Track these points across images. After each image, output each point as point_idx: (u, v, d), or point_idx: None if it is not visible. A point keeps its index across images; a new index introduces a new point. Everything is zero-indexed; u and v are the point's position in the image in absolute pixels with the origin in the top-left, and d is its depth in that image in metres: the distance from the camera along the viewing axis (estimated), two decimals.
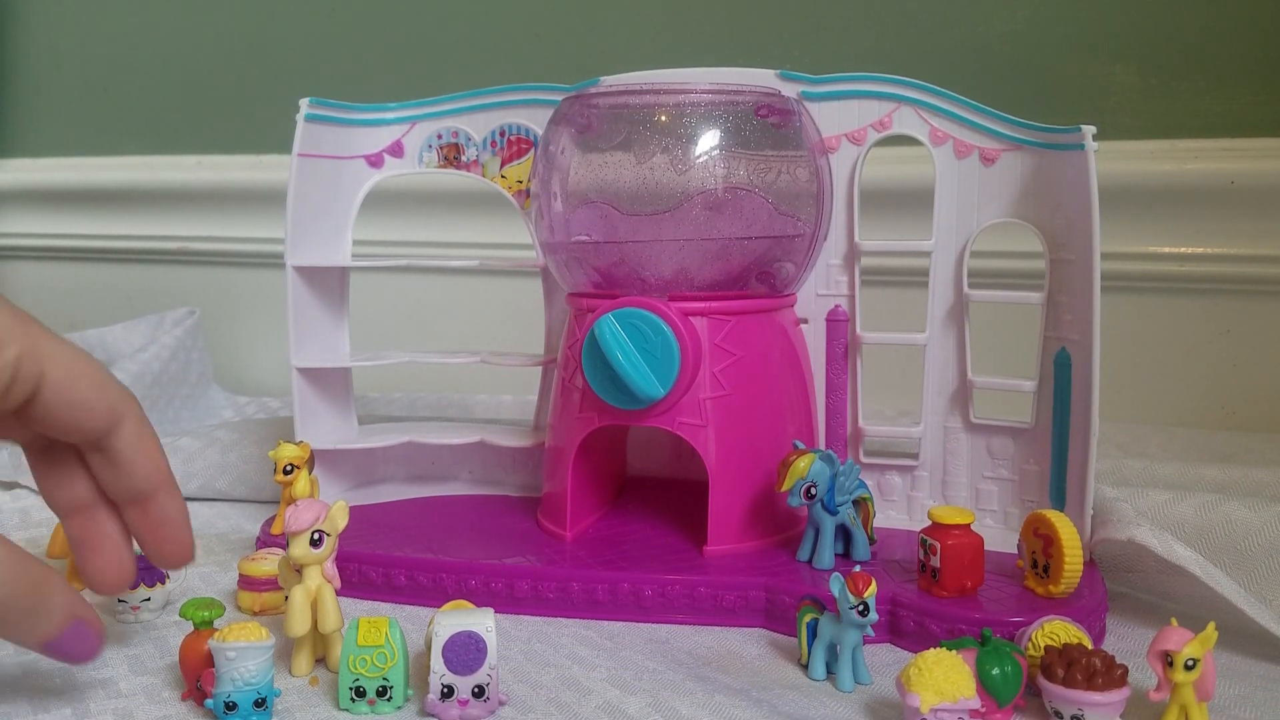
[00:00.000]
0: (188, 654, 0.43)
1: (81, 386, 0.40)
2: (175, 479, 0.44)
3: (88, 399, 0.40)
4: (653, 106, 0.56)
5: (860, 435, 0.61)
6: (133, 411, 0.42)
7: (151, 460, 0.42)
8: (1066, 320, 0.55)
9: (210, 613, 0.44)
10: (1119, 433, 0.77)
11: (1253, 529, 0.54)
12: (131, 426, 0.42)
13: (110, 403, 0.41)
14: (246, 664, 0.41)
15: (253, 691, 0.41)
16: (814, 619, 0.46)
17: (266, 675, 0.41)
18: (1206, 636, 0.40)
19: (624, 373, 0.52)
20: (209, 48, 1.13)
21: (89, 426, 0.40)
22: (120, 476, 0.42)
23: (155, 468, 0.43)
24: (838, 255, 0.61)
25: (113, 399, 0.41)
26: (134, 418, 0.42)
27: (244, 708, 0.41)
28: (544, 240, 0.61)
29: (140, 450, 0.42)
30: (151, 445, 0.43)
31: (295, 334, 0.63)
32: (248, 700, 0.41)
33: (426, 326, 1.04)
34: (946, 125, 0.58)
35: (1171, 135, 0.83)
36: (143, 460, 0.42)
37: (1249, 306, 0.82)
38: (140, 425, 0.42)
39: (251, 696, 0.41)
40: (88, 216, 1.18)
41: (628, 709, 0.43)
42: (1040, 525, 0.49)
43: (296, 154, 0.62)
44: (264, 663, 0.41)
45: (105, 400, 0.41)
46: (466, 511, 0.64)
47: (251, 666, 0.41)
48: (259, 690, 0.41)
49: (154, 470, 0.42)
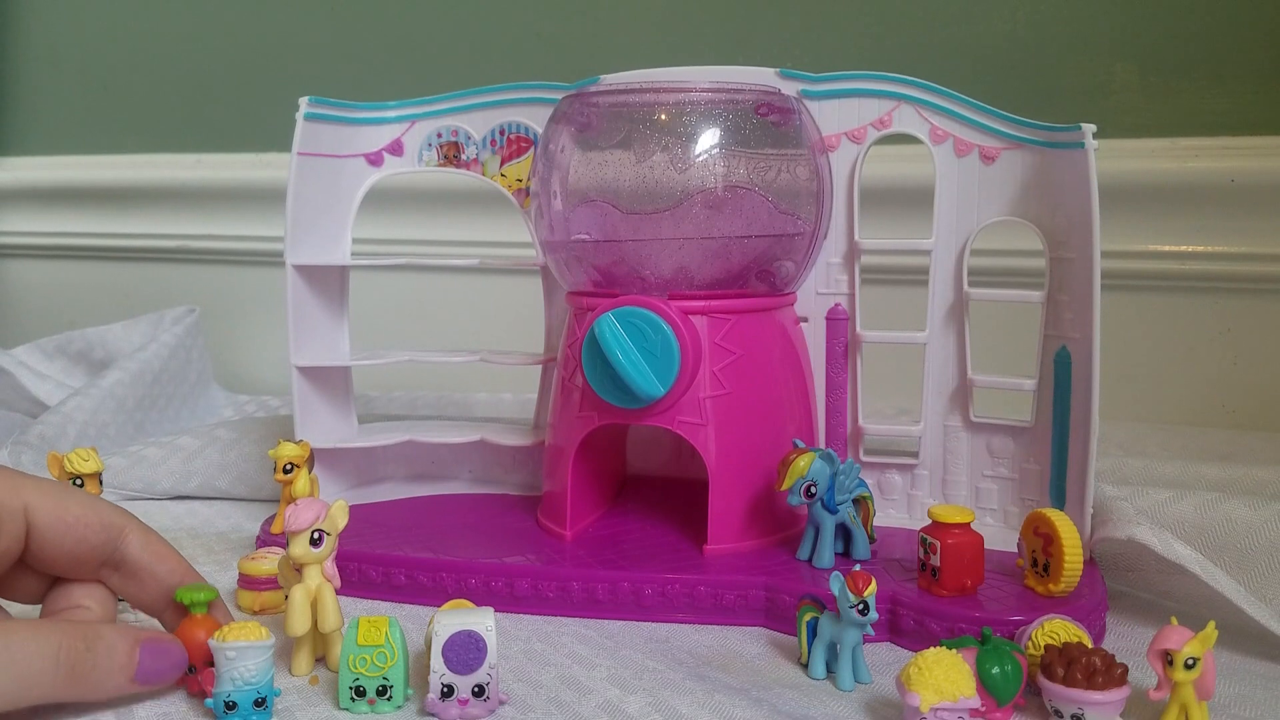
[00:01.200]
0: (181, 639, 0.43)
1: (72, 508, 0.41)
2: (198, 575, 0.45)
3: (81, 516, 0.41)
4: (652, 105, 0.56)
5: (860, 434, 0.61)
6: (133, 521, 0.43)
7: (168, 561, 0.44)
8: (1067, 319, 0.55)
9: (204, 594, 0.43)
10: (1119, 431, 0.77)
11: (1253, 527, 0.54)
12: (137, 533, 0.43)
13: (105, 516, 0.42)
14: (246, 663, 0.41)
15: (253, 691, 0.41)
16: (814, 618, 0.46)
17: (266, 675, 0.41)
18: (1206, 635, 0.40)
19: (624, 372, 0.52)
20: (209, 46, 1.13)
21: (93, 542, 0.42)
22: (145, 585, 0.43)
23: (174, 567, 0.44)
24: (838, 254, 0.61)
25: (107, 513, 0.42)
26: (136, 525, 0.43)
27: (244, 707, 0.41)
28: (544, 239, 0.61)
29: (153, 551, 0.43)
30: (162, 546, 0.44)
31: (295, 333, 0.63)
32: (248, 700, 0.41)
33: (426, 325, 1.04)
34: (947, 124, 0.58)
35: (1172, 134, 0.83)
36: (159, 562, 0.43)
37: (1249, 305, 0.82)
38: (145, 531, 0.43)
39: (251, 696, 0.41)
40: (87, 215, 1.18)
41: (628, 708, 0.43)
42: (1040, 524, 0.49)
43: (296, 152, 0.62)
44: (264, 662, 0.41)
45: (100, 515, 0.42)
46: (466, 510, 0.64)
47: (251, 666, 0.41)
48: (259, 690, 0.41)
49: (173, 569, 0.44)
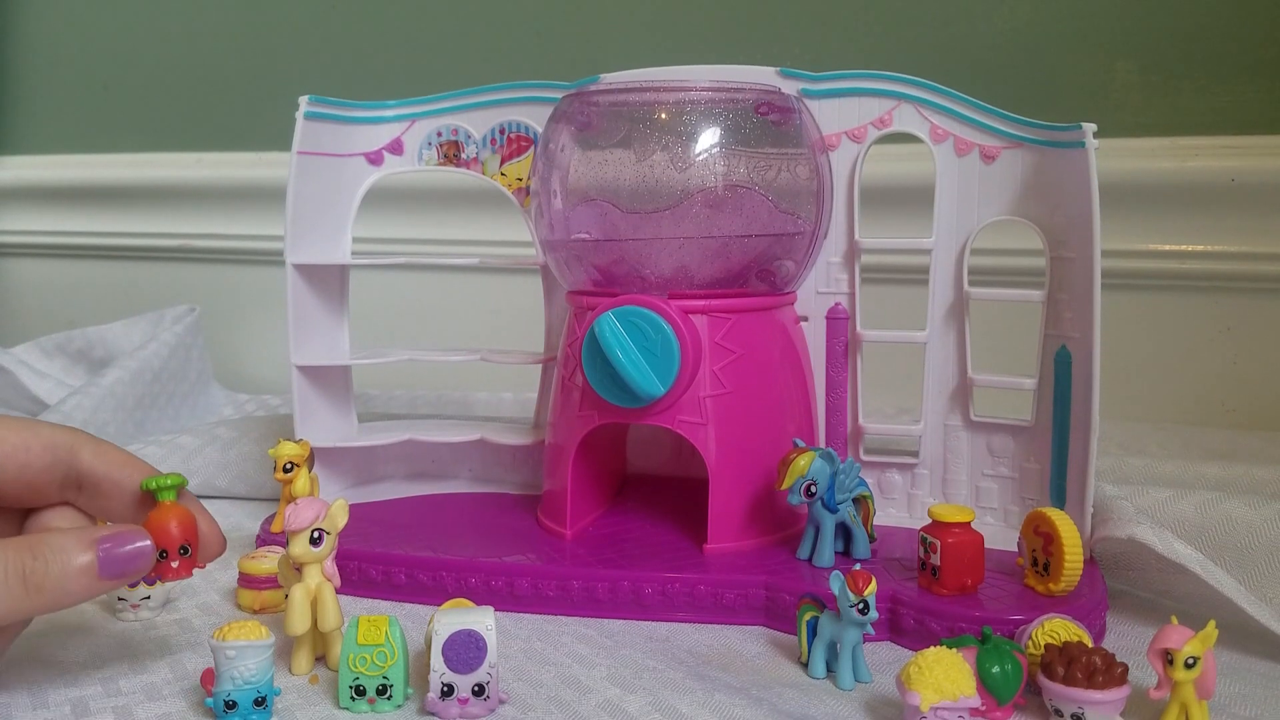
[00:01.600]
0: (150, 526, 0.42)
1: (8, 436, 0.41)
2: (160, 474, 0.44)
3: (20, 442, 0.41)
4: (653, 104, 0.56)
5: (860, 433, 0.61)
6: (82, 435, 0.43)
7: (128, 464, 0.43)
8: (1067, 318, 0.55)
9: (171, 480, 0.43)
10: (1119, 430, 0.77)
11: (1253, 527, 0.54)
12: (88, 446, 0.43)
13: (47, 436, 0.42)
14: (246, 663, 0.41)
15: (253, 690, 0.41)
16: (814, 617, 0.46)
17: (266, 674, 0.41)
18: (1207, 634, 0.40)
19: (624, 371, 0.52)
20: (209, 45, 1.13)
21: (39, 464, 0.41)
22: (110, 495, 0.43)
23: (136, 468, 0.43)
24: (838, 253, 0.61)
25: (48, 433, 0.42)
26: (86, 439, 0.43)
27: (244, 706, 0.41)
28: (544, 238, 0.61)
29: (109, 459, 0.43)
30: (119, 453, 0.43)
31: (295, 331, 0.63)
32: (248, 699, 0.41)
33: (426, 324, 1.04)
34: (947, 123, 0.58)
35: (1172, 133, 0.83)
36: (118, 467, 0.43)
37: (1249, 304, 0.82)
38: (97, 442, 0.43)
39: (251, 695, 0.41)
40: (87, 214, 1.18)
41: (628, 707, 0.43)
42: (1040, 523, 0.49)
43: (296, 151, 0.62)
44: (264, 661, 0.41)
45: (40, 436, 0.42)
46: (466, 509, 0.64)
47: (251, 665, 0.41)
48: (259, 689, 0.41)
49: (132, 474, 0.43)
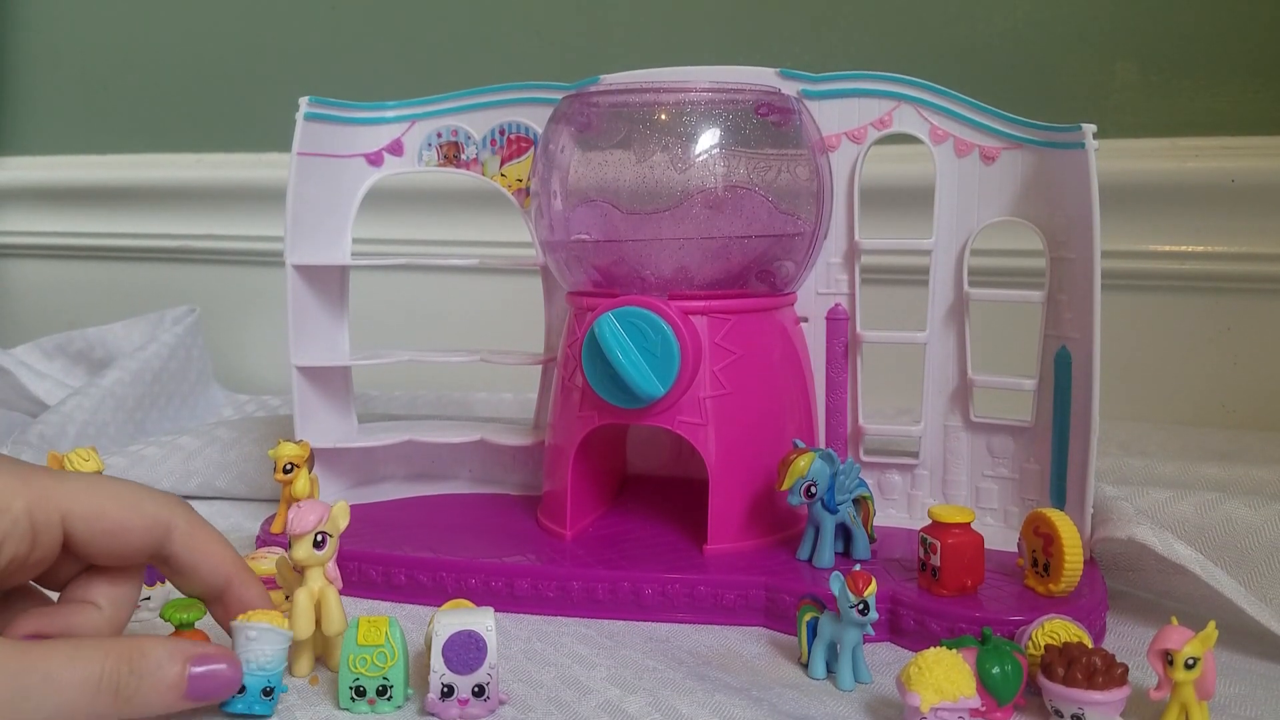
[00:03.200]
0: None
1: (110, 512, 0.40)
2: (246, 567, 0.44)
3: (121, 520, 0.40)
4: (652, 105, 0.56)
5: (860, 434, 0.61)
6: (180, 517, 0.42)
7: (211, 559, 0.43)
8: (1067, 319, 0.55)
9: (190, 615, 0.43)
10: (1119, 431, 0.77)
11: (1253, 527, 0.54)
12: (181, 530, 0.42)
13: (148, 517, 0.41)
14: (264, 647, 0.40)
15: (264, 678, 0.41)
16: (814, 618, 0.46)
17: (279, 665, 0.41)
18: (1207, 635, 0.40)
19: (624, 371, 0.52)
20: (208, 46, 1.13)
21: (136, 546, 0.41)
22: (190, 582, 0.43)
23: (218, 564, 0.43)
24: (838, 254, 0.61)
25: (150, 512, 0.41)
26: (183, 523, 0.42)
27: (252, 692, 0.40)
28: (544, 239, 0.61)
29: (197, 551, 0.42)
30: (208, 543, 0.43)
31: (295, 332, 0.63)
32: (257, 686, 0.40)
33: (426, 325, 1.04)
34: (947, 124, 0.58)
35: (1172, 133, 0.83)
36: (202, 560, 0.42)
37: (1249, 305, 0.82)
38: (191, 527, 0.42)
39: (262, 683, 0.40)
40: (87, 215, 1.18)
41: (628, 708, 0.43)
42: (1040, 524, 0.49)
43: (296, 152, 0.62)
44: (280, 650, 0.41)
45: (142, 517, 0.41)
46: (466, 510, 0.64)
47: (269, 650, 0.41)
48: (270, 678, 0.41)
49: (217, 567, 0.43)
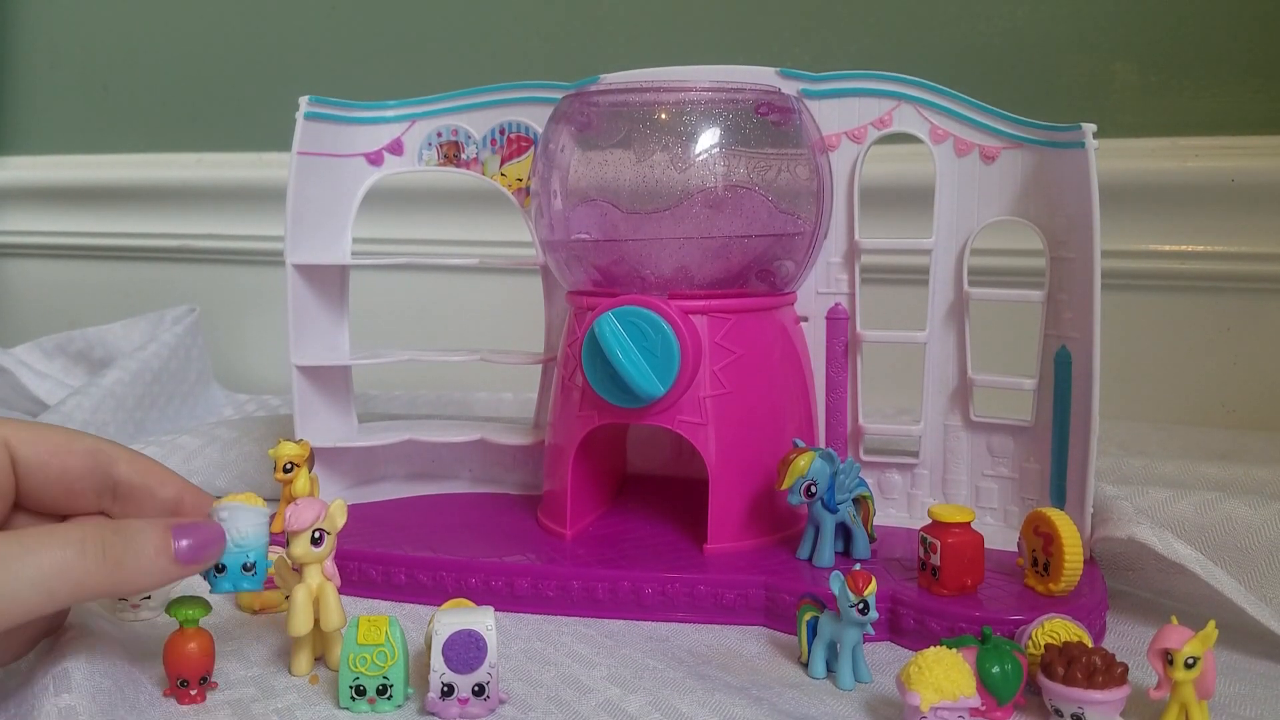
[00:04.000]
0: (172, 651, 0.43)
1: (52, 437, 0.41)
2: (194, 486, 0.44)
3: (63, 444, 0.41)
4: (653, 104, 0.56)
5: (860, 433, 0.61)
6: (120, 448, 0.43)
7: (158, 472, 0.44)
8: (1067, 318, 0.55)
9: (195, 612, 0.43)
10: (1119, 430, 0.77)
11: (1253, 527, 0.54)
12: (125, 457, 0.43)
13: (88, 442, 0.42)
14: (238, 524, 0.40)
15: (242, 554, 0.40)
16: (814, 617, 0.46)
17: (260, 540, 0.41)
18: (1206, 634, 0.40)
19: (624, 371, 0.52)
20: (209, 45, 1.13)
21: (79, 468, 0.42)
22: (144, 507, 0.43)
23: (164, 477, 0.44)
24: (838, 253, 0.61)
25: (90, 440, 0.42)
26: (124, 450, 0.43)
27: (233, 570, 0.40)
28: (544, 238, 0.61)
29: (146, 470, 0.43)
30: (154, 465, 0.44)
31: (295, 332, 0.63)
32: (236, 562, 0.40)
33: (426, 324, 1.04)
34: (947, 123, 0.58)
35: (1172, 133, 0.83)
36: (154, 478, 0.43)
37: (1249, 304, 0.82)
38: (134, 454, 0.44)
39: (240, 559, 0.40)
40: (87, 214, 1.18)
41: (628, 707, 0.43)
42: (1040, 523, 0.49)
43: (296, 152, 0.62)
44: (257, 525, 0.41)
45: (82, 441, 0.42)
46: (466, 510, 0.64)
47: (244, 528, 0.40)
48: (249, 553, 0.40)
49: (165, 483, 0.43)
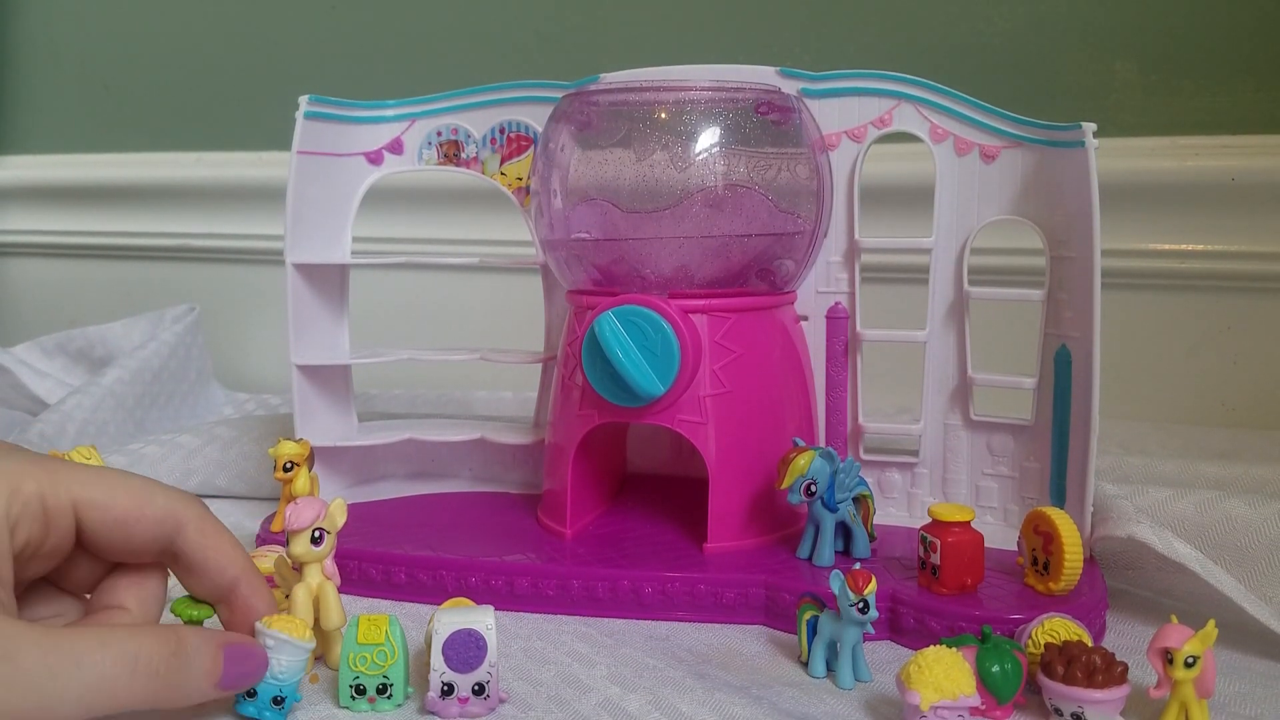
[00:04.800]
0: None
1: (121, 501, 0.39)
2: (255, 569, 0.43)
3: (132, 510, 0.40)
4: (653, 104, 0.56)
5: (860, 432, 0.61)
6: (192, 513, 0.41)
7: (221, 558, 0.42)
8: (1067, 317, 0.55)
9: (200, 612, 0.43)
10: (1119, 430, 0.77)
11: (1253, 526, 0.54)
12: (192, 526, 0.41)
13: (160, 509, 0.40)
14: (281, 657, 0.40)
15: (276, 687, 0.40)
16: (814, 616, 0.46)
17: (295, 675, 0.41)
18: (1206, 634, 0.40)
19: (624, 370, 0.52)
20: (209, 44, 1.13)
21: (146, 537, 0.40)
22: (200, 580, 0.42)
23: (226, 565, 0.42)
24: (838, 252, 0.61)
25: (161, 505, 0.40)
26: (194, 518, 0.41)
27: (262, 699, 0.40)
28: (544, 237, 0.61)
29: (207, 549, 0.41)
30: (218, 542, 0.42)
31: (295, 331, 0.63)
32: (268, 694, 0.40)
33: (426, 323, 1.04)
34: (947, 122, 0.58)
35: (1172, 132, 0.83)
36: (211, 559, 0.41)
37: (1249, 304, 0.82)
38: (202, 524, 0.41)
39: (273, 691, 0.40)
40: (88, 213, 1.18)
41: (628, 706, 0.43)
42: (1040, 522, 0.49)
43: (296, 151, 0.62)
44: (296, 662, 0.41)
45: (153, 508, 0.40)
46: (466, 509, 0.64)
47: (284, 660, 0.40)
48: (283, 688, 0.40)
49: (226, 567, 0.42)
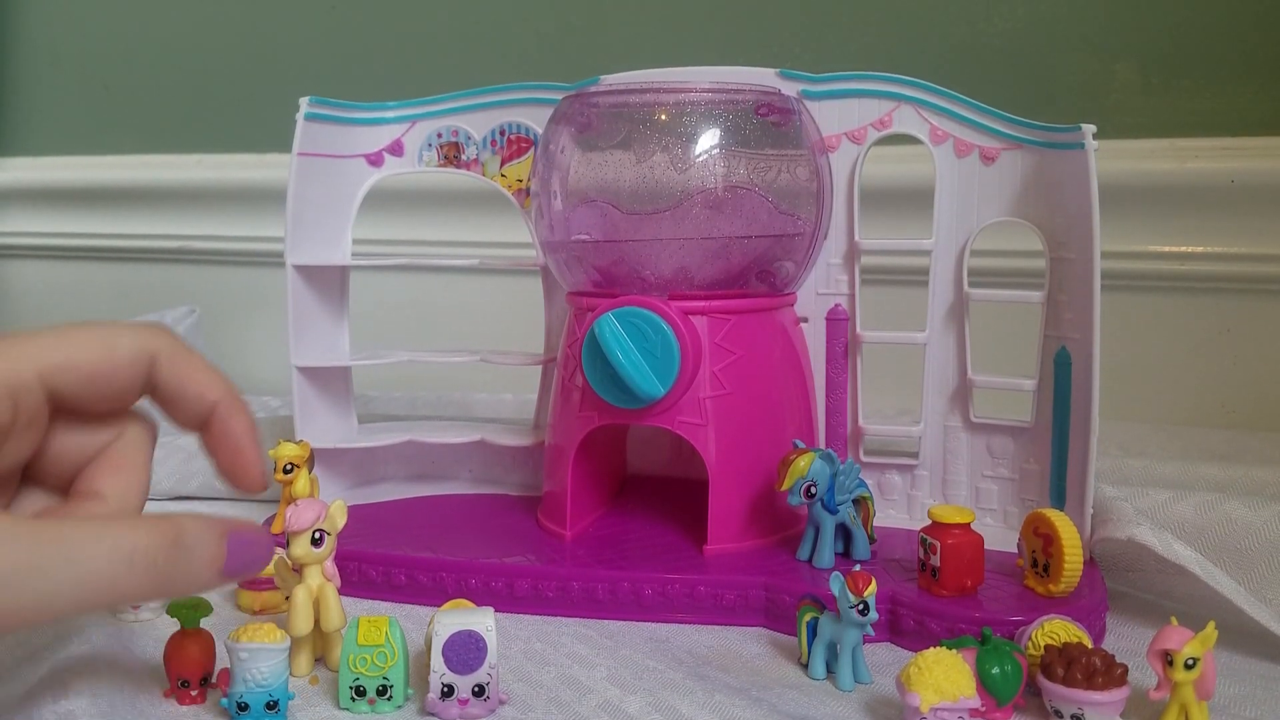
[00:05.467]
0: (173, 652, 0.43)
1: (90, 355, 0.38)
2: (237, 396, 0.41)
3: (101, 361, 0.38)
4: (653, 105, 0.56)
5: (860, 434, 0.61)
6: (164, 344, 0.39)
7: (196, 383, 0.40)
8: (1066, 319, 0.55)
9: (197, 612, 0.43)
10: (1119, 431, 0.77)
11: (1252, 528, 0.54)
12: (165, 358, 0.39)
13: (128, 350, 0.39)
14: (259, 665, 0.40)
15: (265, 693, 0.40)
16: (814, 618, 0.46)
17: (280, 677, 0.41)
18: (1206, 635, 0.40)
19: (624, 372, 0.52)
20: (209, 46, 1.13)
21: (123, 383, 0.39)
22: (177, 410, 0.40)
23: (202, 389, 0.40)
24: (838, 254, 0.61)
25: (129, 345, 0.39)
26: (166, 349, 0.39)
27: (256, 709, 0.40)
28: (544, 239, 0.61)
29: (181, 378, 0.40)
30: (191, 367, 0.40)
31: (295, 333, 0.63)
32: (260, 701, 0.40)
33: (426, 325, 1.04)
34: (947, 124, 0.58)
35: (1172, 134, 0.83)
36: (188, 386, 0.40)
37: (1249, 305, 0.82)
38: (174, 353, 0.40)
39: (264, 698, 0.40)
40: (87, 215, 1.18)
41: (628, 708, 0.43)
42: (1040, 524, 0.49)
43: (296, 153, 0.62)
44: (277, 664, 0.41)
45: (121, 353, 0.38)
46: (466, 510, 0.64)
47: (264, 668, 0.40)
48: (271, 692, 0.41)
49: (201, 391, 0.40)
